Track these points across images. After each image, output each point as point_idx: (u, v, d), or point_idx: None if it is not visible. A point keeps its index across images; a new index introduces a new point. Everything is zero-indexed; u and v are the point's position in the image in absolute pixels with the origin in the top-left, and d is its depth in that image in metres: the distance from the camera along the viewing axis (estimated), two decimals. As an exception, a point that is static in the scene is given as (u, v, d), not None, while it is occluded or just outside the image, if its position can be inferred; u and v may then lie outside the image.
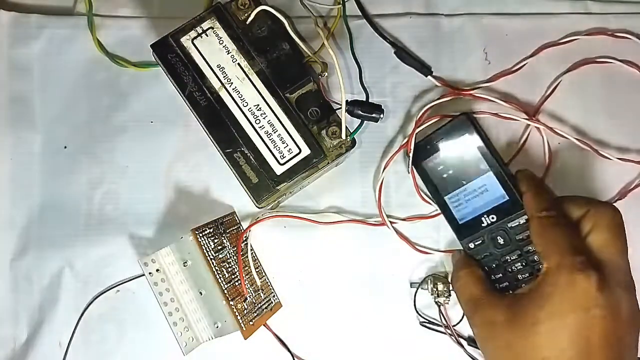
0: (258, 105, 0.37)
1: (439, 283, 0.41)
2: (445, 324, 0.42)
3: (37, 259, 0.43)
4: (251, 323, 0.38)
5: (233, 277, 0.39)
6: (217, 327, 0.39)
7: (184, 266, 0.40)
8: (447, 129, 0.39)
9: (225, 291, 0.38)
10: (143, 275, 0.39)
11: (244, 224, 0.43)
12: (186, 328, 0.39)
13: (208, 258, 0.38)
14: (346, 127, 0.38)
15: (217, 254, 0.39)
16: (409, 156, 0.41)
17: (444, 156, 0.40)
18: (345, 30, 0.43)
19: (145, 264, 0.39)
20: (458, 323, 0.42)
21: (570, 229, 0.35)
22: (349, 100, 0.41)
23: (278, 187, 0.37)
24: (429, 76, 0.43)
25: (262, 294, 0.41)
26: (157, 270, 0.40)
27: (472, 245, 0.39)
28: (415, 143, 0.41)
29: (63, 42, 0.44)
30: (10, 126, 0.44)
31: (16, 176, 0.44)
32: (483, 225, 0.39)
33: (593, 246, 0.34)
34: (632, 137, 0.43)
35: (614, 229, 0.34)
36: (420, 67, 0.43)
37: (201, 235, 0.38)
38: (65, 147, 0.44)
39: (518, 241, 0.38)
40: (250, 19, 0.38)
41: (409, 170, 0.42)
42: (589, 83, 0.44)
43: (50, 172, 0.44)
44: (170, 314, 0.39)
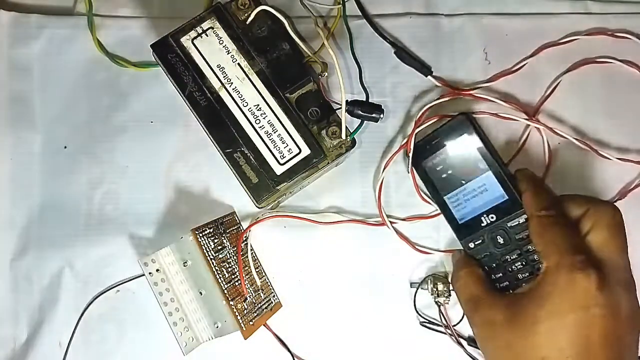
0: (258, 105, 0.37)
1: (439, 283, 0.41)
2: (445, 324, 0.42)
3: (37, 259, 0.43)
4: (251, 323, 0.38)
5: (233, 277, 0.39)
6: (217, 327, 0.39)
7: (184, 266, 0.40)
8: (447, 129, 0.39)
9: (225, 291, 0.38)
10: (143, 275, 0.39)
11: (244, 224, 0.43)
12: (186, 328, 0.39)
13: (208, 258, 0.38)
14: (346, 127, 0.38)
15: (217, 254, 0.39)
16: (409, 156, 0.41)
17: (444, 156, 0.40)
18: (345, 30, 0.43)
19: (145, 264, 0.39)
20: (458, 323, 0.42)
21: (569, 228, 0.35)
22: (349, 100, 0.41)
23: (278, 187, 0.37)
24: (429, 76, 0.43)
25: (262, 294, 0.41)
26: (157, 270, 0.40)
27: (472, 245, 0.39)
28: (415, 143, 0.41)
29: (63, 42, 0.44)
30: (10, 126, 0.44)
31: (16, 176, 0.44)
32: (483, 224, 0.39)
33: (593, 245, 0.34)
34: (632, 137, 0.43)
35: (614, 228, 0.34)
36: (420, 67, 0.43)
37: (201, 235, 0.38)
38: (65, 147, 0.44)
39: (518, 240, 0.38)
40: (250, 19, 0.38)
41: (409, 170, 0.42)
42: (589, 83, 0.44)
43: (50, 172, 0.44)
44: (170, 314, 0.39)
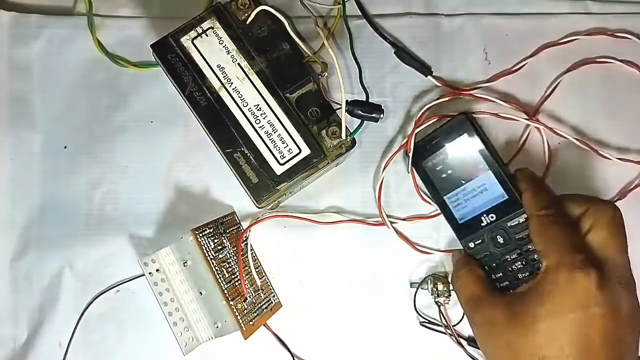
0: (258, 105, 0.37)
1: (439, 283, 0.41)
2: (445, 324, 0.41)
3: (37, 259, 0.43)
4: (251, 323, 0.38)
5: (233, 277, 0.39)
6: (217, 327, 0.39)
7: (184, 266, 0.40)
8: (447, 129, 0.39)
9: (225, 291, 0.38)
10: (143, 275, 0.39)
11: (244, 224, 0.43)
12: (186, 328, 0.39)
13: (208, 258, 0.38)
14: (346, 127, 0.38)
15: (217, 254, 0.39)
16: (409, 156, 0.41)
17: (443, 156, 0.40)
18: (345, 30, 0.43)
19: (145, 264, 0.39)
20: (458, 323, 0.42)
21: (569, 227, 0.35)
22: (349, 100, 0.41)
23: (278, 187, 0.37)
24: (429, 76, 0.43)
25: (262, 294, 0.41)
26: (157, 270, 0.40)
27: (472, 244, 0.39)
28: (415, 143, 0.41)
29: (63, 42, 0.44)
30: (10, 126, 0.44)
31: (16, 176, 0.44)
32: (483, 224, 0.39)
33: (593, 244, 0.34)
34: (632, 137, 0.43)
35: (614, 227, 0.34)
36: (420, 67, 0.43)
37: (201, 235, 0.38)
38: (65, 147, 0.44)
39: (518, 240, 0.38)
40: (250, 19, 0.38)
41: (409, 170, 0.42)
42: (589, 83, 0.44)
43: (50, 172, 0.44)
44: (170, 314, 0.39)
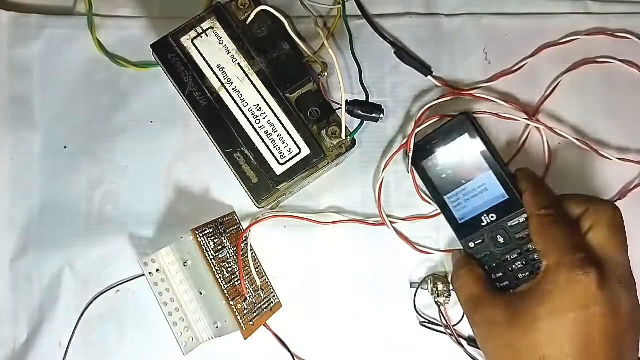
0: (258, 105, 0.37)
1: (439, 283, 0.41)
2: (445, 324, 0.41)
3: (37, 259, 0.43)
4: (251, 323, 0.38)
5: (233, 277, 0.39)
6: (217, 327, 0.39)
7: (184, 266, 0.40)
8: (447, 129, 0.39)
9: (225, 291, 0.38)
10: (143, 275, 0.39)
11: (244, 224, 0.43)
12: (186, 328, 0.39)
13: (208, 258, 0.38)
14: (346, 127, 0.38)
15: (217, 254, 0.39)
16: (409, 156, 0.41)
17: (444, 156, 0.40)
18: (345, 30, 0.43)
19: (145, 264, 0.39)
20: (458, 323, 0.42)
21: (570, 227, 0.35)
22: (349, 100, 0.41)
23: (278, 187, 0.37)
24: (429, 76, 0.43)
25: (262, 294, 0.41)
26: (157, 270, 0.39)
27: (472, 244, 0.39)
28: (415, 142, 0.41)
29: (63, 42, 0.44)
30: (10, 126, 0.44)
31: (16, 176, 0.44)
32: (483, 224, 0.39)
33: (593, 244, 0.34)
34: (632, 137, 0.43)
35: (614, 227, 0.34)
36: (420, 67, 0.43)
37: (201, 235, 0.38)
38: (65, 147, 0.44)
39: (518, 240, 0.38)
40: (250, 19, 0.38)
41: (409, 170, 0.42)
42: (589, 83, 0.44)
43: (50, 172, 0.44)
44: (170, 314, 0.39)
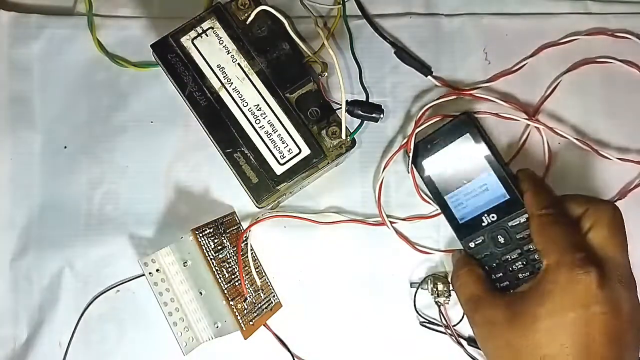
0: (258, 105, 0.37)
1: (439, 283, 0.41)
2: (445, 324, 0.41)
3: (37, 259, 0.43)
4: (251, 323, 0.38)
5: (233, 277, 0.39)
6: (217, 327, 0.39)
7: (184, 266, 0.40)
8: (448, 129, 0.39)
9: (225, 291, 0.38)
10: (143, 275, 0.39)
11: (244, 224, 0.43)
12: (186, 328, 0.39)
13: (208, 258, 0.38)
14: (346, 127, 0.38)
15: (217, 254, 0.39)
16: (409, 156, 0.41)
17: (445, 155, 0.40)
18: (345, 30, 0.43)
19: (145, 264, 0.39)
20: (458, 323, 0.42)
21: (570, 227, 0.35)
22: (349, 100, 0.40)
23: (278, 187, 0.37)
24: (429, 76, 0.43)
25: (262, 294, 0.41)
26: (157, 270, 0.40)
27: (473, 244, 0.39)
28: (416, 142, 0.41)
29: (63, 42, 0.44)
30: (10, 126, 0.44)
31: (16, 176, 0.44)
32: (483, 224, 0.39)
33: (593, 243, 0.34)
34: (632, 137, 0.43)
35: (614, 227, 0.34)
36: (420, 67, 0.43)
37: (201, 235, 0.38)
38: (65, 147, 0.44)
39: (518, 240, 0.38)
40: (250, 19, 0.38)
41: (409, 170, 0.42)
42: (589, 83, 0.44)
43: (50, 172, 0.44)
44: (170, 314, 0.39)
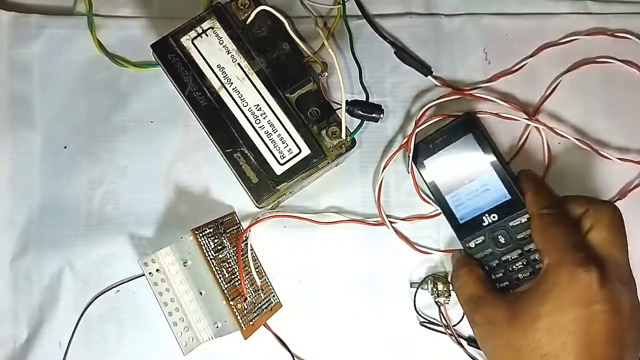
0: (258, 105, 0.37)
1: (439, 283, 0.41)
2: (445, 324, 0.41)
3: (37, 259, 0.43)
4: (251, 323, 0.38)
5: (233, 277, 0.39)
6: (217, 327, 0.39)
7: (184, 266, 0.40)
8: (451, 128, 0.40)
9: (225, 291, 0.38)
10: (143, 275, 0.39)
11: (244, 224, 0.43)
12: (186, 328, 0.39)
13: (208, 258, 0.38)
14: (346, 127, 0.38)
15: (217, 254, 0.39)
16: (409, 156, 0.41)
17: (447, 155, 0.40)
18: (345, 30, 0.43)
19: (145, 264, 0.39)
20: (458, 323, 0.42)
21: (571, 227, 0.35)
22: (349, 100, 0.40)
23: (278, 187, 0.37)
24: (429, 76, 0.43)
25: (262, 294, 0.41)
26: (157, 270, 0.40)
27: (473, 244, 0.39)
28: (417, 142, 0.41)
29: (63, 42, 0.44)
30: (10, 126, 0.44)
31: (16, 176, 0.44)
32: (484, 224, 0.39)
33: (593, 243, 0.34)
34: (632, 137, 0.43)
35: (614, 227, 0.35)
36: (420, 67, 0.43)
37: (201, 235, 0.38)
38: (65, 147, 0.44)
39: (519, 240, 0.38)
40: (250, 19, 0.38)
41: (409, 170, 0.42)
42: (589, 83, 0.44)
43: (50, 172, 0.44)
44: (170, 314, 0.39)
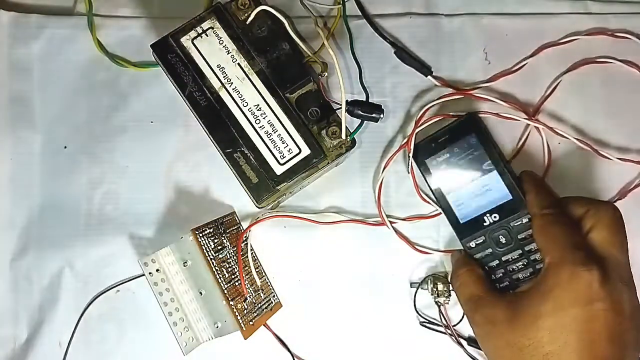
0: (258, 105, 0.37)
1: (439, 283, 0.41)
2: (445, 324, 0.41)
3: (37, 259, 0.43)
4: (251, 323, 0.38)
5: (233, 277, 0.39)
6: (217, 327, 0.39)
7: (184, 266, 0.40)
8: (454, 128, 0.40)
9: (225, 291, 0.38)
10: (143, 275, 0.39)
11: (244, 224, 0.43)
12: (186, 328, 0.39)
13: (208, 258, 0.38)
14: (346, 127, 0.38)
15: (217, 254, 0.39)
16: (409, 156, 0.41)
17: (449, 155, 0.40)
18: (345, 30, 0.43)
19: (145, 264, 0.39)
20: (458, 323, 0.42)
21: (571, 227, 0.35)
22: (349, 100, 0.40)
23: (278, 187, 0.37)
24: (429, 76, 0.43)
25: (262, 294, 0.41)
26: (157, 270, 0.40)
27: (473, 244, 0.39)
28: (420, 141, 0.41)
29: (63, 42, 0.44)
30: (10, 126, 0.44)
31: (16, 176, 0.44)
32: (485, 224, 0.39)
33: (594, 243, 0.34)
34: (632, 137, 0.43)
35: (614, 227, 0.35)
36: (420, 67, 0.43)
37: (201, 235, 0.38)
38: (65, 147, 0.44)
39: (520, 240, 0.38)
40: (250, 19, 0.38)
41: (409, 170, 0.42)
42: (589, 83, 0.44)
43: (50, 172, 0.44)
44: (170, 314, 0.39)
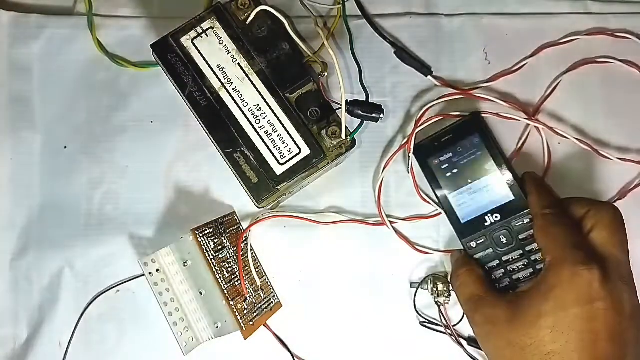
0: (258, 105, 0.37)
1: (439, 283, 0.41)
2: (445, 324, 0.41)
3: (37, 259, 0.43)
4: (251, 323, 0.38)
5: (233, 277, 0.39)
6: (217, 327, 0.39)
7: (184, 266, 0.40)
8: (456, 128, 0.40)
9: (225, 291, 0.38)
10: (143, 275, 0.39)
11: (244, 224, 0.43)
12: (186, 328, 0.39)
13: (208, 258, 0.38)
14: (346, 127, 0.38)
15: (217, 254, 0.39)
16: (409, 156, 0.41)
17: (451, 155, 0.40)
18: (345, 30, 0.43)
19: (145, 264, 0.39)
20: (458, 323, 0.42)
21: (572, 227, 0.35)
22: (349, 100, 0.40)
23: (278, 187, 0.37)
24: (429, 76, 0.43)
25: (262, 294, 0.41)
26: (157, 270, 0.40)
27: (474, 244, 0.39)
28: (422, 140, 0.41)
29: (63, 42, 0.44)
30: (10, 126, 0.44)
31: (16, 176, 0.44)
32: (486, 224, 0.39)
33: (595, 243, 0.35)
34: (632, 137, 0.43)
35: (615, 227, 0.35)
36: (420, 67, 0.43)
37: (201, 235, 0.38)
38: (65, 147, 0.44)
39: (521, 240, 0.38)
40: (250, 19, 0.38)
41: (409, 170, 0.42)
42: (589, 83, 0.44)
43: (50, 172, 0.44)
44: (170, 314, 0.39)
